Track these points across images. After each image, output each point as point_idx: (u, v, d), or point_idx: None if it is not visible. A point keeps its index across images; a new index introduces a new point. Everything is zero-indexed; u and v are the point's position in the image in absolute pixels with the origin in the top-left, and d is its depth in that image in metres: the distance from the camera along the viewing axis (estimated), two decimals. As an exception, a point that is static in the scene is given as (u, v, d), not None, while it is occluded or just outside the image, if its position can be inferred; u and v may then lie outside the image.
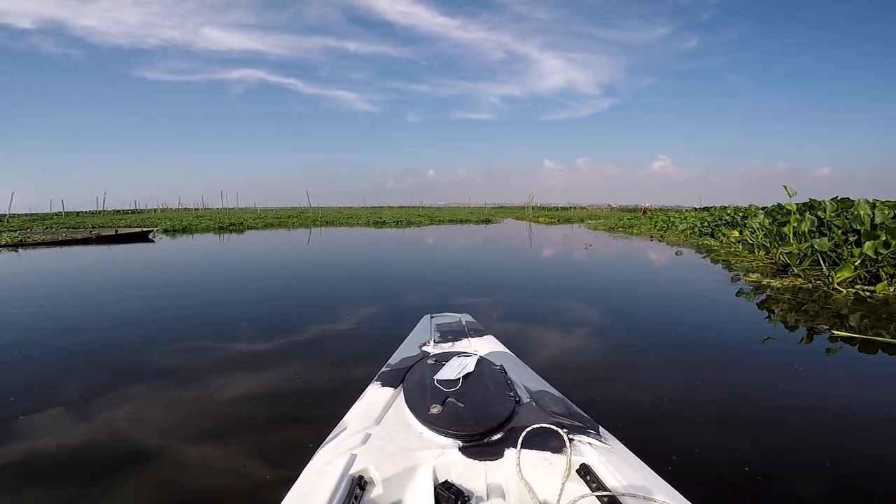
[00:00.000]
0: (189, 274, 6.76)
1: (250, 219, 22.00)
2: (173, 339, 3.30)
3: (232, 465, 1.70)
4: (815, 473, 1.65)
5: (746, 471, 1.62)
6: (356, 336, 3.33)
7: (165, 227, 17.05)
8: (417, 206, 55.86)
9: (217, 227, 17.61)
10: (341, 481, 0.84)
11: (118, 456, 1.76)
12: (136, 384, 2.45)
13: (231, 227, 18.04)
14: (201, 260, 8.81)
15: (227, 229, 17.20)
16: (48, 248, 10.31)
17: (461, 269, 6.99)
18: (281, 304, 4.38)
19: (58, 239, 11.87)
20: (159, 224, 17.98)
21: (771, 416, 2.10)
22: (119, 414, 2.11)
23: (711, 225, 11.99)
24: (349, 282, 5.83)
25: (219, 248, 11.04)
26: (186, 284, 5.69)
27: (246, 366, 2.73)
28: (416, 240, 12.93)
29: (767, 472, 1.61)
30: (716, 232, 11.51)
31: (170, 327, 3.61)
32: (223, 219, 20.93)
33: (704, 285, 5.43)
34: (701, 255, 8.36)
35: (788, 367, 2.74)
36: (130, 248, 10.41)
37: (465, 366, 1.33)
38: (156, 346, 3.11)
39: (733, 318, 3.99)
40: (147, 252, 9.89)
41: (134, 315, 4.03)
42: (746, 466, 1.65)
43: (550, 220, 25.12)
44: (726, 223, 11.57)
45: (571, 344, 3.17)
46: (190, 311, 4.20)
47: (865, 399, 2.34)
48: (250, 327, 3.54)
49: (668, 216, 17.77)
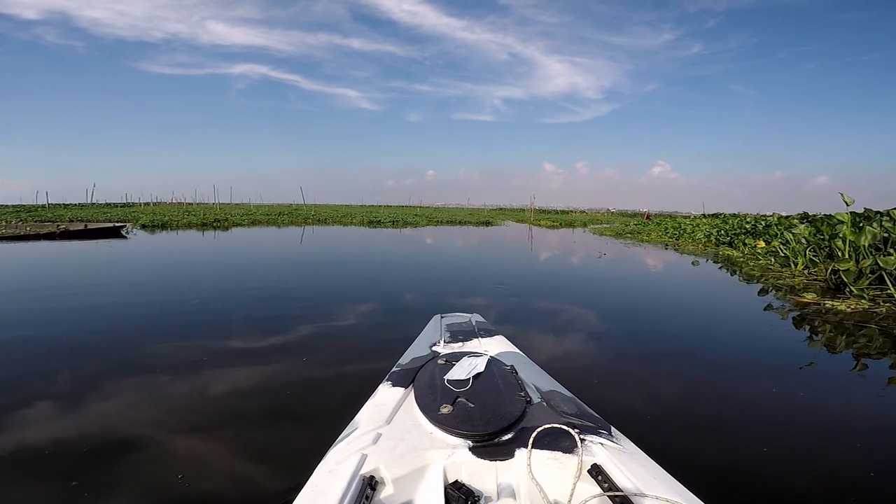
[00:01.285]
0: (137, 275, 5.80)
1: (239, 215, 21.02)
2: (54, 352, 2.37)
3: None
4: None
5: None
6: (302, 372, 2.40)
7: (144, 222, 16.07)
8: (415, 206, 54.88)
9: (200, 224, 16.64)
10: (352, 481, 0.85)
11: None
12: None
13: (215, 223, 17.05)
14: (160, 260, 7.83)
15: (212, 226, 16.22)
16: (2, 244, 9.33)
17: (466, 278, 6.05)
18: (219, 322, 3.44)
19: (20, 234, 10.88)
20: (139, 219, 17.01)
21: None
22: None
23: (730, 234, 11.08)
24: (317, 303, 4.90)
25: (190, 246, 10.06)
26: (124, 288, 4.74)
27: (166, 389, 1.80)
28: (413, 243, 11.98)
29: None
30: (735, 241, 10.60)
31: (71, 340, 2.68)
32: (208, 214, 19.91)
33: (748, 307, 4.52)
34: (725, 267, 7.45)
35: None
36: (94, 245, 9.43)
37: (475, 366, 1.32)
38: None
39: (809, 354, 3.07)
40: (107, 250, 8.91)
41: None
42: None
43: (552, 223, 24.20)
44: (747, 232, 10.66)
45: (605, 377, 2.25)
46: (108, 322, 3.28)
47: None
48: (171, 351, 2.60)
49: (678, 223, 16.85)
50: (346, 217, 22.08)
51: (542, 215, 36.39)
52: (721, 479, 1.59)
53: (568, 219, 31.71)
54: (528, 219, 28.92)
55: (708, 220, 16.55)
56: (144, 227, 15.10)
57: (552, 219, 29.36)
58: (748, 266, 7.49)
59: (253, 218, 19.64)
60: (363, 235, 13.68)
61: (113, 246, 9.40)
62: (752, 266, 7.47)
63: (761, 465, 1.67)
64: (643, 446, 1.01)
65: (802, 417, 2.15)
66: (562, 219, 30.78)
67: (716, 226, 13.23)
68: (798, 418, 2.13)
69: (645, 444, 1.05)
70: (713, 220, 15.93)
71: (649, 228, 16.96)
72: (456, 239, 13.27)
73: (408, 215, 24.98)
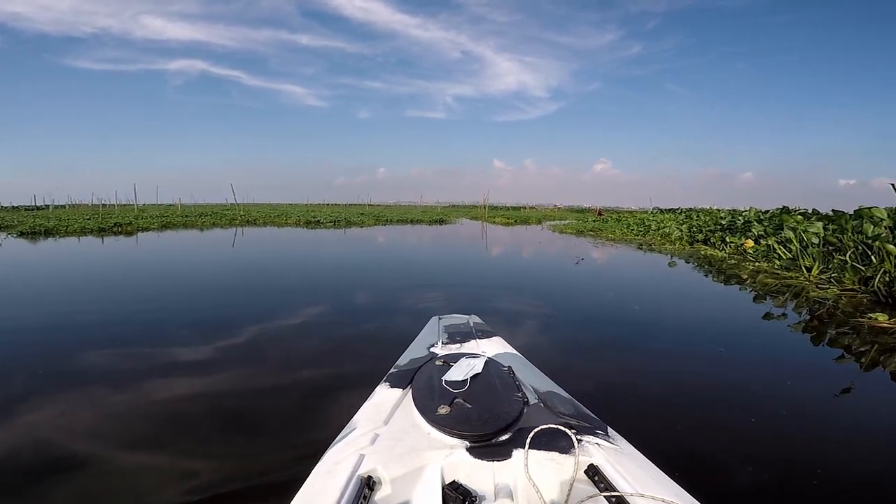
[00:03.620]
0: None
1: (153, 217, 18.06)
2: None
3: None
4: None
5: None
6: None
7: (24, 228, 13.05)
8: (364, 205, 52.39)
9: (97, 229, 13.80)
10: (350, 481, 0.84)
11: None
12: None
13: (115, 228, 14.23)
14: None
15: (111, 231, 13.47)
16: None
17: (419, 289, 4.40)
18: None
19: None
20: (21, 225, 13.89)
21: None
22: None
23: (704, 230, 10.19)
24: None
25: (56, 260, 7.68)
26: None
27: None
28: (352, 247, 10.13)
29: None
30: (711, 239, 9.71)
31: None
32: (108, 219, 16.81)
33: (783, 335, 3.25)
34: (710, 270, 6.32)
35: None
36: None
37: (473, 367, 1.30)
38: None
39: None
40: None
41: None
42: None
43: (508, 220, 23.09)
44: (723, 229, 9.80)
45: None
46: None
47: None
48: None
49: (640, 219, 16.10)
50: (282, 217, 19.66)
51: (496, 212, 35.46)
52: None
53: (521, 215, 30.91)
54: (483, 216, 27.72)
55: (670, 215, 15.94)
56: (24, 234, 12.18)
57: (506, 216, 28.37)
58: (739, 269, 6.41)
59: (168, 220, 16.83)
60: (291, 239, 11.65)
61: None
62: (751, 270, 6.39)
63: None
64: (640, 448, 0.99)
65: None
66: (515, 215, 29.89)
67: (683, 222, 12.44)
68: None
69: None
70: (676, 215, 15.29)
71: (610, 225, 16.13)
72: (407, 241, 11.57)
73: (353, 214, 22.86)
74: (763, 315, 3.93)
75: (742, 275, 6.04)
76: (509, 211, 41.85)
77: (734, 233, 9.24)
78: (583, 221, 20.49)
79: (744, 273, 6.16)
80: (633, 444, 1.01)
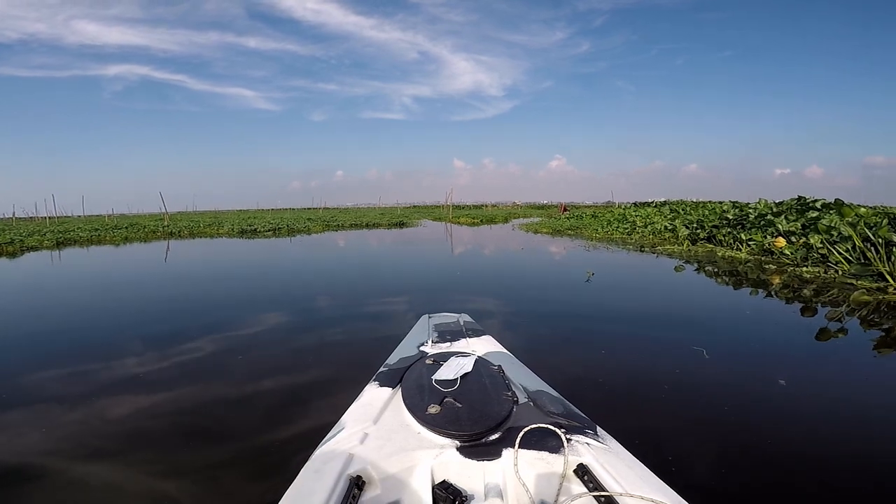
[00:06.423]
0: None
1: (48, 232, 14.92)
2: None
3: None
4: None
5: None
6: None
7: None
8: (318, 209, 49.32)
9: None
10: (339, 481, 0.83)
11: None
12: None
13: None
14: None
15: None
16: None
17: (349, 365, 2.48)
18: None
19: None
20: None
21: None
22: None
23: (708, 227, 8.81)
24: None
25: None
26: None
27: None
28: (278, 266, 7.98)
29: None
30: (717, 236, 8.32)
31: None
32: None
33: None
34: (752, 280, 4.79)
35: None
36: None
37: (462, 366, 1.28)
38: None
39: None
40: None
41: None
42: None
43: (473, 220, 21.42)
44: (730, 224, 8.43)
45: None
46: None
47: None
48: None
49: (622, 215, 14.75)
50: (213, 227, 16.95)
51: (459, 212, 33.82)
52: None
53: (486, 214, 29.41)
54: (447, 216, 25.91)
55: (653, 210, 14.71)
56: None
57: (471, 215, 26.76)
58: (781, 276, 4.91)
59: (66, 237, 13.86)
60: (206, 254, 9.32)
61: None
62: (789, 274, 4.89)
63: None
64: (629, 448, 0.97)
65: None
66: (479, 214, 28.35)
67: (674, 217, 11.10)
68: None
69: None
70: (660, 210, 14.06)
71: (587, 223, 14.75)
72: (360, 249, 9.53)
73: (300, 220, 20.38)
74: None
75: (806, 291, 4.49)
76: (472, 210, 40.35)
77: (747, 228, 7.86)
78: (554, 219, 19.10)
79: (807, 289, 4.63)
80: (622, 444, 0.99)
